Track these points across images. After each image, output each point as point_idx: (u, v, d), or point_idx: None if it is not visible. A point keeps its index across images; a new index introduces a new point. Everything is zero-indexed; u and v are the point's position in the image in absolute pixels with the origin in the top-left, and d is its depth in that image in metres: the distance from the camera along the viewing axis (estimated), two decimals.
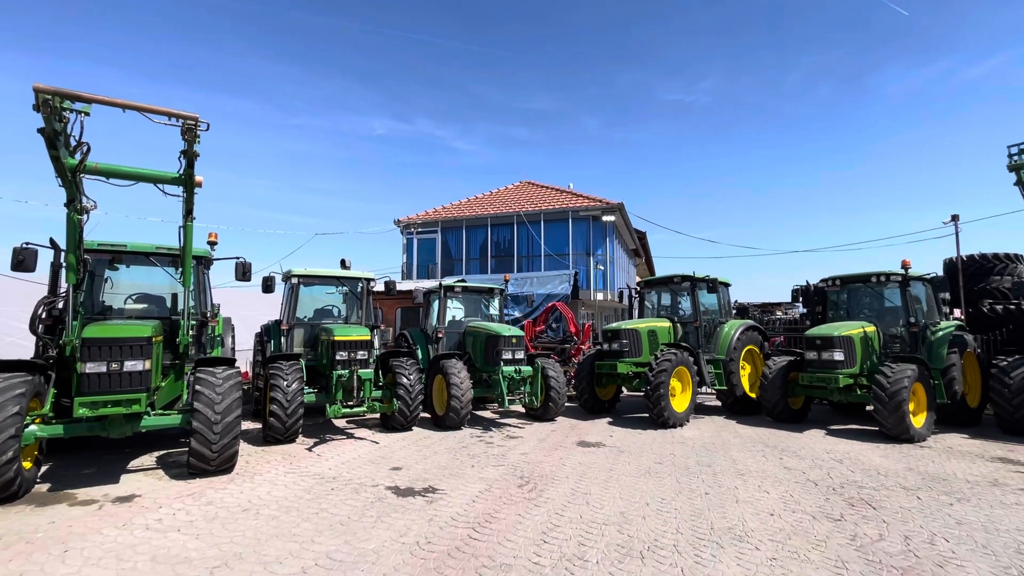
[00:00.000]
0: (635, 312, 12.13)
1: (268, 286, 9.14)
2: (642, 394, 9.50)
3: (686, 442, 8.02)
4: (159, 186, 5.77)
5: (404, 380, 8.48)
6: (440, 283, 11.04)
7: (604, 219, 19.77)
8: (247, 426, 8.82)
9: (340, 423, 9.52)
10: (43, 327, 6.34)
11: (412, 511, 4.83)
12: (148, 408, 5.69)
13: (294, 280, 9.40)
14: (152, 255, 7.19)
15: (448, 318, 10.94)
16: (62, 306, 6.37)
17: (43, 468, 6.02)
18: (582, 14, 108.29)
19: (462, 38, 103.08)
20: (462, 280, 14.21)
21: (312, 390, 8.58)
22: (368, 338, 8.52)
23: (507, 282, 12.40)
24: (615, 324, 10.70)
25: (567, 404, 10.78)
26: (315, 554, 3.88)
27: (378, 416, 9.30)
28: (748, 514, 4.81)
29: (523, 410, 10.49)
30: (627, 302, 12.53)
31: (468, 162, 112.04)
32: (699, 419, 10.11)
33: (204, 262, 7.69)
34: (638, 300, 12.17)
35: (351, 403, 8.03)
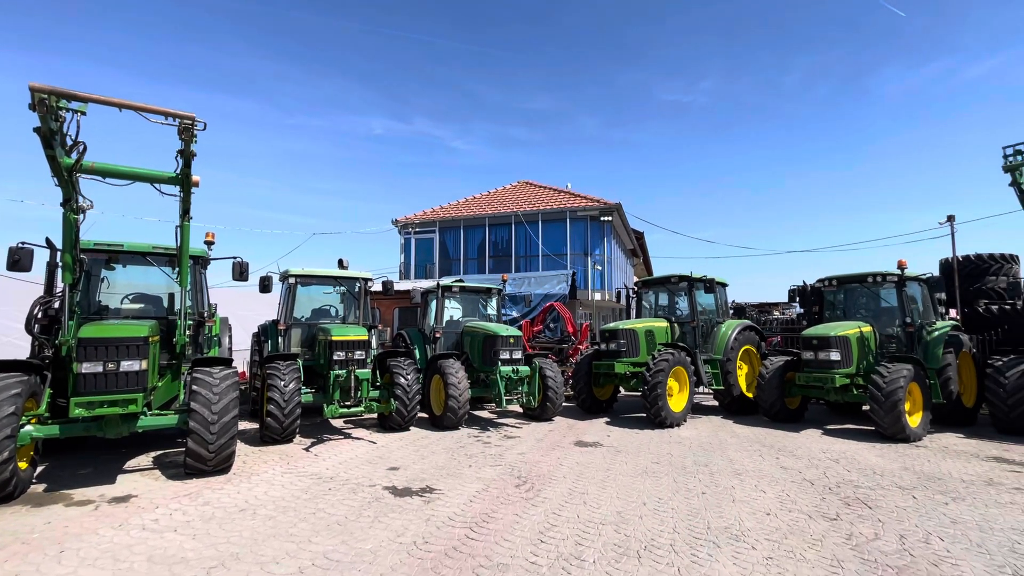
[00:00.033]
0: (632, 312, 12.15)
1: (265, 286, 9.12)
2: (639, 394, 9.52)
3: (683, 442, 8.04)
4: (156, 186, 5.75)
5: (401, 380, 8.48)
6: (438, 283, 11.04)
7: (602, 219, 19.82)
8: (244, 426, 8.80)
9: (337, 423, 9.51)
10: (39, 327, 6.31)
11: (409, 511, 4.83)
12: (145, 408, 5.68)
13: (292, 280, 9.39)
14: (149, 255, 7.17)
15: (446, 318, 10.94)
16: (58, 306, 6.35)
17: (39, 468, 6.00)
18: (581, 14, 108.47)
19: (461, 38, 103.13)
20: (460, 280, 14.21)
21: (309, 390, 8.58)
22: (366, 338, 8.52)
23: (505, 282, 12.40)
24: (613, 324, 10.72)
25: (565, 404, 10.80)
26: (312, 554, 3.88)
27: (375, 416, 9.30)
28: (744, 513, 4.83)
29: (521, 410, 10.49)
30: (625, 302, 12.55)
31: (466, 162, 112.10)
32: (696, 419, 10.14)
33: (201, 262, 7.68)
34: (635, 300, 12.19)
35: (348, 403, 8.03)
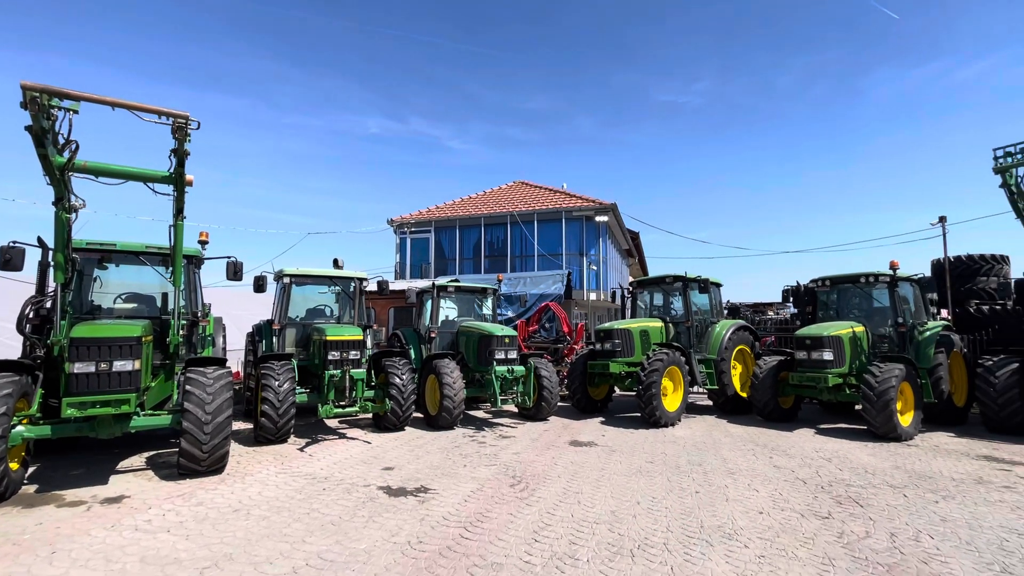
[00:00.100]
0: (627, 312, 12.18)
1: (259, 286, 9.10)
2: (634, 394, 9.55)
3: (677, 441, 8.08)
4: (149, 185, 5.71)
5: (396, 380, 8.47)
6: (433, 283, 11.04)
7: (597, 219, 19.85)
8: (238, 426, 8.78)
9: (332, 423, 9.49)
10: (31, 327, 6.28)
11: (404, 511, 4.84)
12: (138, 408, 5.65)
13: (286, 280, 9.37)
14: (142, 254, 7.14)
15: (441, 318, 10.94)
16: (50, 305, 6.31)
17: (30, 469, 5.96)
18: (578, 15, 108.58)
19: (458, 38, 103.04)
20: (455, 280, 14.21)
21: (304, 390, 8.56)
22: (360, 338, 8.51)
23: (500, 282, 12.42)
24: (608, 324, 10.75)
25: (560, 404, 10.82)
26: (306, 554, 3.88)
27: (370, 416, 9.29)
28: (738, 512, 4.86)
29: (516, 410, 10.51)
30: (620, 302, 12.59)
31: (463, 162, 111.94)
32: (690, 418, 10.18)
33: (195, 261, 7.66)
34: (630, 300, 12.23)
35: (343, 403, 8.01)
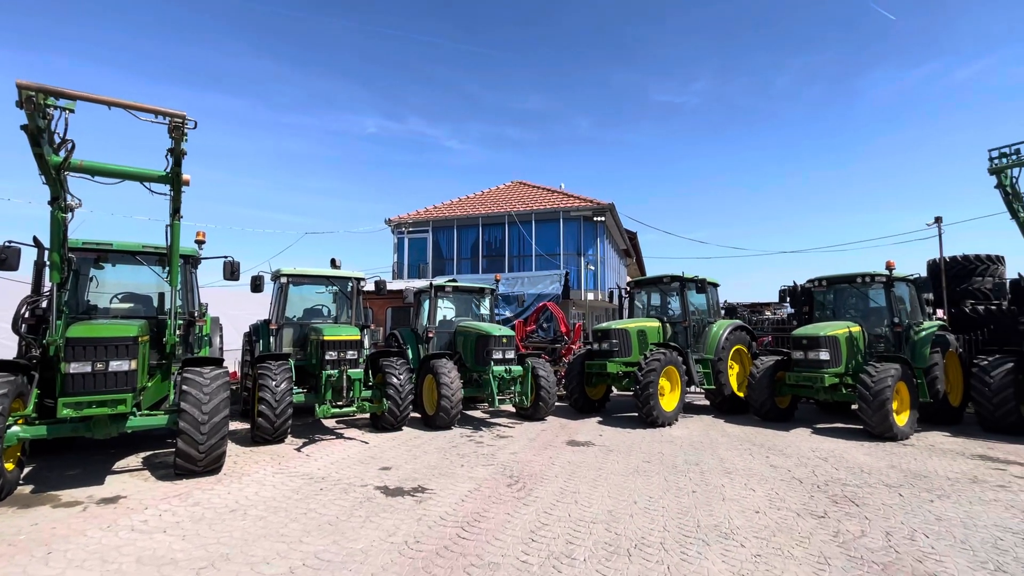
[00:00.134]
0: (625, 312, 12.20)
1: (257, 285, 9.08)
2: (631, 393, 9.56)
3: (674, 441, 8.10)
4: (146, 184, 5.71)
5: (394, 380, 8.47)
6: (431, 283, 11.04)
7: (595, 219, 19.87)
8: (235, 426, 8.76)
9: (329, 423, 9.48)
10: (26, 326, 6.25)
11: (401, 511, 4.84)
12: (134, 409, 5.64)
13: (283, 279, 9.35)
14: (138, 254, 7.12)
15: (439, 318, 10.93)
16: (46, 305, 6.29)
17: (26, 469, 5.94)
18: (577, 15, 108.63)
19: (455, 38, 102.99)
20: (453, 280, 14.20)
21: (301, 390, 8.54)
22: (358, 338, 8.49)
23: (498, 282, 12.41)
24: (605, 324, 10.76)
25: (557, 403, 10.83)
26: (303, 554, 3.88)
27: (368, 416, 9.28)
28: (734, 512, 4.87)
29: (513, 410, 10.51)
30: (617, 302, 12.60)
31: (460, 162, 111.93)
32: (688, 418, 10.20)
33: (192, 261, 7.63)
34: (628, 300, 12.24)
35: (340, 403, 8.01)
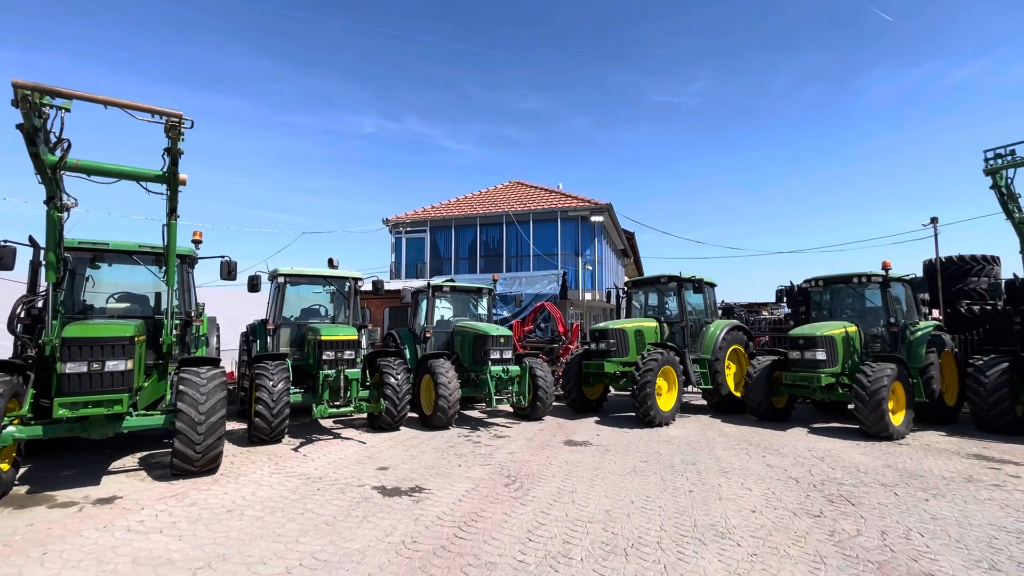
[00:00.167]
0: (622, 312, 12.22)
1: (254, 285, 9.05)
2: (629, 393, 9.58)
3: (671, 441, 8.11)
4: (142, 184, 5.69)
5: (391, 380, 8.46)
6: (428, 283, 11.03)
7: (593, 219, 19.86)
8: (233, 426, 8.74)
9: (327, 423, 9.47)
10: (22, 326, 6.22)
11: (398, 511, 4.84)
12: (131, 408, 5.62)
13: (280, 279, 9.33)
14: (135, 254, 7.10)
15: (436, 318, 10.93)
16: (42, 305, 6.26)
17: (21, 470, 5.90)
18: (575, 15, 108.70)
19: (454, 37, 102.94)
20: (450, 280, 14.20)
21: (298, 390, 8.53)
22: (355, 338, 8.48)
23: (495, 282, 12.41)
24: (602, 324, 10.78)
25: (555, 403, 10.83)
26: (300, 554, 3.87)
27: (365, 416, 9.27)
28: (731, 511, 4.89)
29: (511, 410, 10.51)
30: (615, 302, 12.62)
31: (458, 161, 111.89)
32: (685, 418, 10.22)
33: (188, 261, 7.62)
34: (625, 300, 12.26)
35: (338, 403, 8.00)
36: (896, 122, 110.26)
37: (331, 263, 11.56)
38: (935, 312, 12.45)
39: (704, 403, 11.67)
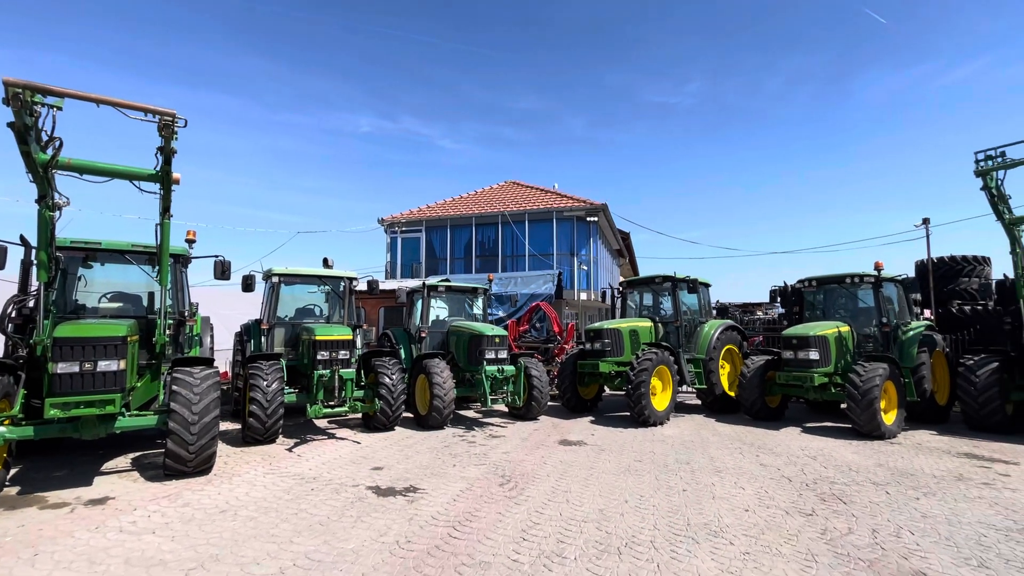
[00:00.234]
0: (617, 312, 12.25)
1: (248, 285, 9.02)
2: (624, 393, 9.61)
3: (666, 440, 8.14)
4: (135, 183, 5.66)
5: (386, 380, 8.45)
6: (424, 282, 11.03)
7: (588, 219, 19.93)
8: (226, 427, 8.70)
9: (321, 423, 9.45)
10: (13, 326, 6.19)
11: (392, 511, 4.83)
12: (123, 409, 5.59)
13: (275, 279, 9.30)
14: (128, 253, 7.06)
15: (432, 318, 10.93)
16: (33, 304, 6.22)
17: (12, 471, 5.87)
18: (572, 14, 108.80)
19: (450, 37, 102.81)
20: (446, 279, 14.20)
21: (293, 390, 8.52)
22: (350, 338, 8.47)
23: (491, 282, 12.42)
24: (598, 324, 10.81)
25: (550, 403, 10.85)
26: (293, 554, 3.87)
27: (360, 416, 9.25)
28: (724, 510, 4.92)
29: (506, 409, 10.53)
30: (610, 302, 12.65)
31: (454, 161, 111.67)
32: (679, 417, 10.26)
33: (182, 260, 7.59)
34: (620, 300, 12.30)
35: (332, 403, 7.98)
36: (890, 123, 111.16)
37: (326, 263, 11.53)
38: (927, 312, 12.56)
39: (698, 403, 11.72)
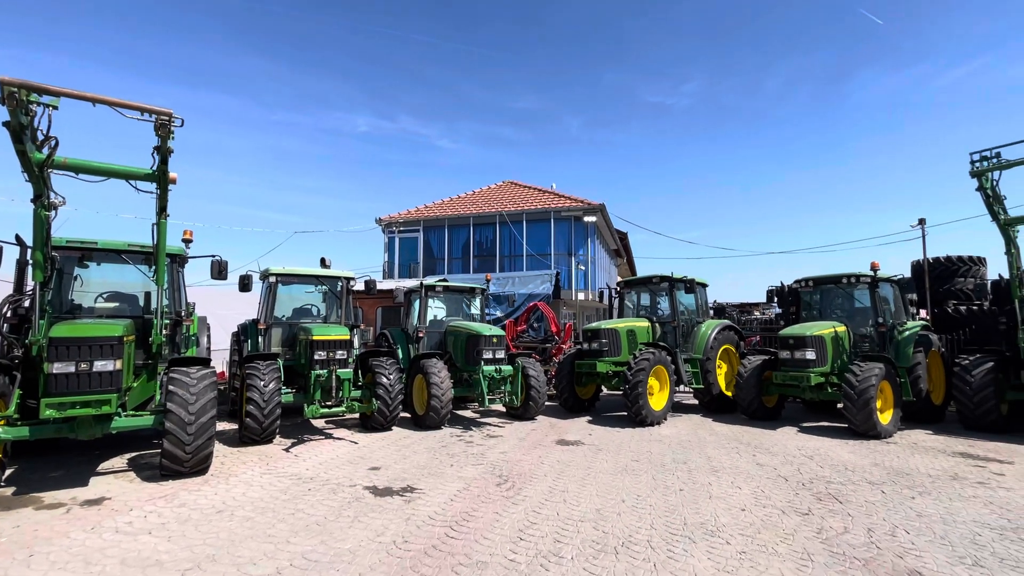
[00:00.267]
0: (615, 312, 12.27)
1: (245, 285, 9.01)
2: (621, 393, 9.62)
3: (663, 440, 8.16)
4: (132, 182, 5.65)
5: (384, 380, 8.44)
6: (421, 282, 11.02)
7: (586, 220, 19.94)
8: (223, 427, 8.69)
9: (318, 423, 9.43)
10: (8, 326, 6.17)
11: (390, 511, 4.83)
12: (119, 409, 5.58)
13: (272, 279, 9.29)
14: (124, 253, 7.04)
15: (429, 317, 10.92)
16: (28, 304, 6.20)
17: (8, 471, 5.84)
18: (570, 14, 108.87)
19: (448, 36, 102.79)
20: (443, 279, 14.19)
21: (290, 390, 8.49)
22: (347, 338, 8.46)
23: (489, 282, 12.42)
24: (595, 324, 10.81)
25: (547, 403, 10.85)
26: (290, 555, 3.86)
27: (357, 416, 9.25)
28: (720, 509, 4.93)
29: (503, 409, 10.53)
30: (607, 302, 12.67)
31: (452, 161, 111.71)
32: (676, 417, 10.28)
33: (179, 260, 7.56)
34: (618, 300, 12.31)
35: (330, 403, 7.97)
36: (887, 124, 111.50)
37: (323, 262, 11.53)
38: (922, 312, 12.61)
39: (695, 402, 11.74)
